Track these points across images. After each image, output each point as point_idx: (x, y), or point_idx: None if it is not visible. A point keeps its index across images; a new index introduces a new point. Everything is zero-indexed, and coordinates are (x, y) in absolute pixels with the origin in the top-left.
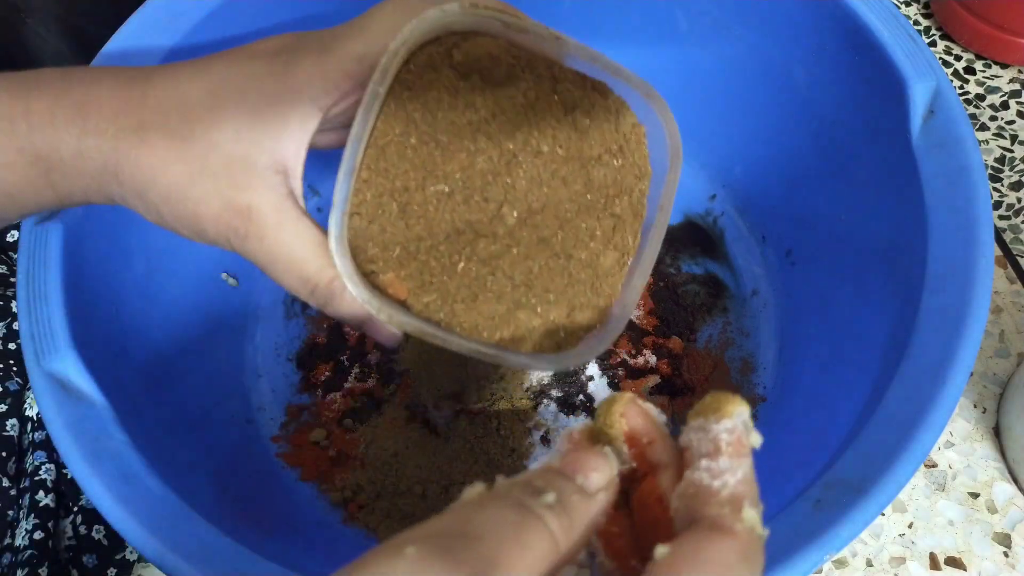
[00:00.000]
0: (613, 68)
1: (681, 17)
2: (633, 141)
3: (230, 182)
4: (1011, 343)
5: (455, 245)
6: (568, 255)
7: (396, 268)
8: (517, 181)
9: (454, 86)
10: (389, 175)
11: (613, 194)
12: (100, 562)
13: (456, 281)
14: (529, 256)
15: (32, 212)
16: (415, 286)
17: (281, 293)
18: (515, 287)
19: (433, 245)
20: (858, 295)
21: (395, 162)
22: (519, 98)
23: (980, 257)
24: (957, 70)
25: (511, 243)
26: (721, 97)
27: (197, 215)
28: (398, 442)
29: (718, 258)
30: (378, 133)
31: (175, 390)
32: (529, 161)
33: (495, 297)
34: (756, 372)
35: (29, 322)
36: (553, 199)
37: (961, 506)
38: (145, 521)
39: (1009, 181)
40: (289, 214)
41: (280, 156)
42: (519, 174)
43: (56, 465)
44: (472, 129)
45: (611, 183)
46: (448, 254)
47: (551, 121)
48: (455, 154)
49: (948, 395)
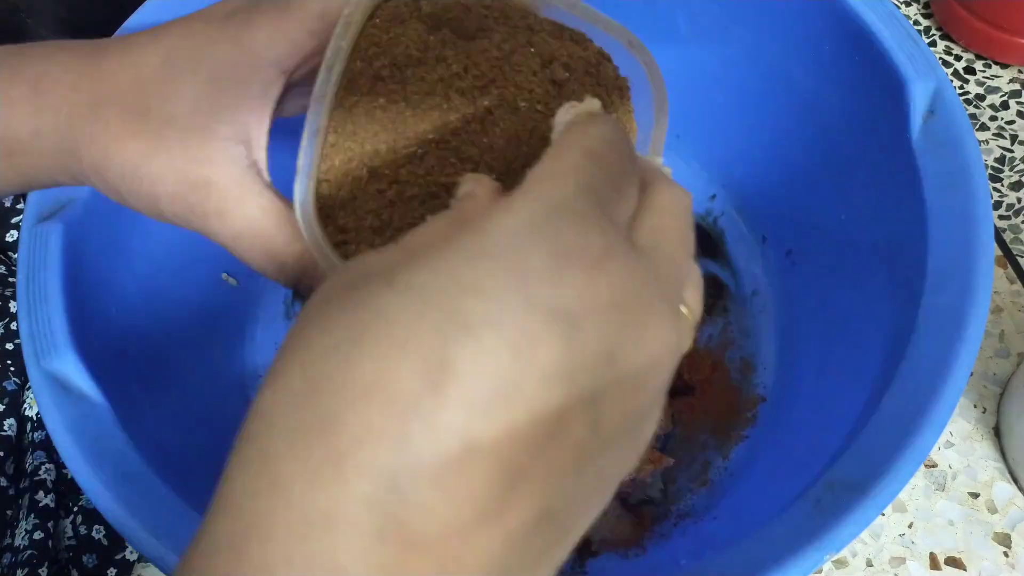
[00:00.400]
0: (592, 16)
1: (681, 17)
2: (616, 94)
3: (187, 156)
4: (1011, 343)
5: (432, 210)
6: None
7: (369, 237)
8: (494, 140)
9: (423, 40)
10: (357, 138)
11: None
12: (100, 562)
13: None
14: None
15: (2, 195)
16: None
17: (281, 293)
18: None
19: (408, 211)
20: (858, 295)
21: (363, 124)
22: (493, 51)
23: (980, 257)
24: (957, 70)
25: None
26: (721, 97)
27: (154, 194)
28: None
29: (718, 258)
30: (344, 93)
31: (175, 390)
32: (506, 118)
33: None
34: (756, 372)
35: (29, 322)
36: (534, 159)
37: (961, 506)
38: (145, 521)
39: (1009, 181)
40: (251, 188)
41: (241, 126)
42: (496, 132)
43: (56, 465)
44: (444, 86)
45: None
46: (421, 216)
47: (528, 75)
48: (427, 113)
49: (948, 395)
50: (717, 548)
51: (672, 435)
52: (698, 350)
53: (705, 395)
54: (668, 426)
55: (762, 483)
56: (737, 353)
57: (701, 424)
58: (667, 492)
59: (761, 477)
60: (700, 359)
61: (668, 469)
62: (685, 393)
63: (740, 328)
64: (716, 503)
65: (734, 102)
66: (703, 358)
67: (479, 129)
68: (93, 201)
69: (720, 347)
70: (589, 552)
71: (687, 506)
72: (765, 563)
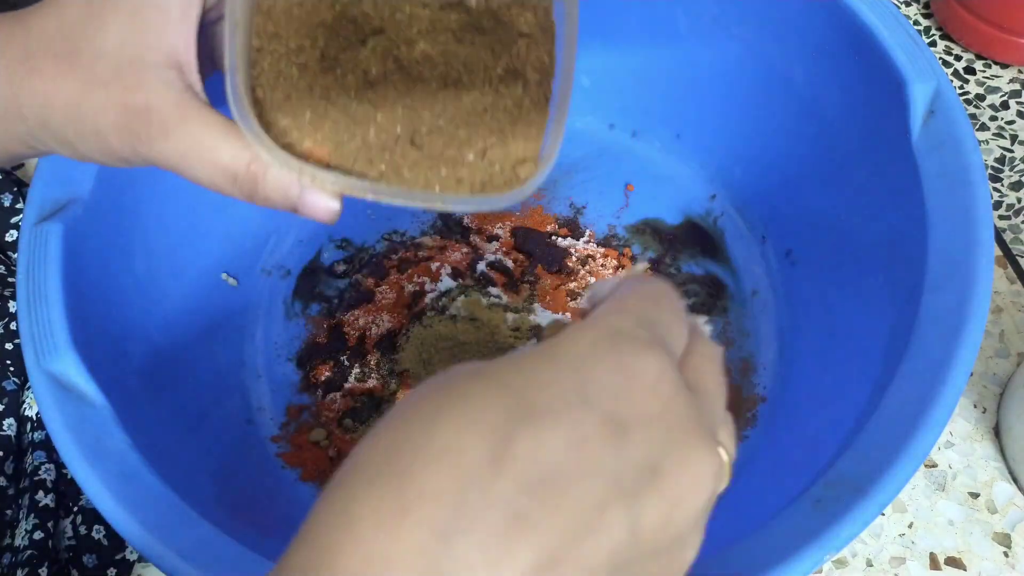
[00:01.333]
0: None
1: (681, 17)
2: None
3: (122, 86)
4: (1011, 343)
5: (364, 95)
6: (481, 101)
7: (311, 133)
8: (415, 22)
9: None
10: (281, 39)
11: (518, 51)
12: (100, 562)
13: (375, 130)
14: (444, 100)
15: None
16: (333, 147)
17: (281, 293)
18: (436, 131)
19: (343, 101)
20: (858, 295)
21: (283, 23)
22: None
23: (980, 257)
24: (957, 70)
25: (423, 87)
26: (721, 97)
27: (98, 130)
28: None
29: (718, 258)
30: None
31: (175, 390)
32: (418, 13)
33: (420, 143)
34: (756, 372)
35: (29, 322)
36: (454, 52)
37: (961, 506)
38: (145, 521)
39: (1009, 181)
40: (191, 107)
41: (169, 50)
42: (413, 30)
43: (56, 465)
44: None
45: (510, 40)
46: (359, 105)
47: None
48: (344, 4)
49: (948, 395)
50: (717, 548)
51: None
52: None
53: None
54: None
55: (762, 483)
56: (737, 353)
57: None
58: None
59: (761, 477)
60: None
61: None
62: None
63: (740, 328)
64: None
65: (734, 102)
66: None
67: (392, 27)
68: (93, 201)
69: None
70: None
71: None
72: (765, 563)
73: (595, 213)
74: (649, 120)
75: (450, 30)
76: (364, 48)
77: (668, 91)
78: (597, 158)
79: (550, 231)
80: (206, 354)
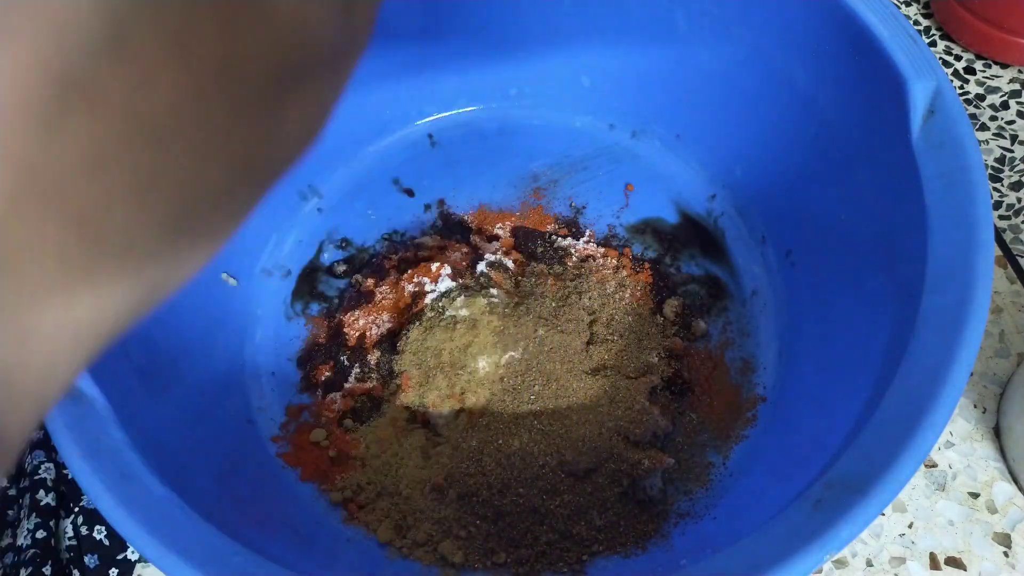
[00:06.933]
0: None
1: (681, 17)
2: None
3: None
4: (1011, 343)
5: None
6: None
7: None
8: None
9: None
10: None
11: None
12: (101, 562)
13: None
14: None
15: None
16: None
17: (281, 293)
18: None
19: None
20: (858, 295)
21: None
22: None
23: (980, 257)
24: (957, 70)
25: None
26: (721, 97)
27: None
28: (398, 442)
29: (718, 258)
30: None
31: (175, 390)
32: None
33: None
34: (756, 372)
35: None
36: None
37: (961, 506)
38: (145, 521)
39: (1009, 181)
40: None
41: None
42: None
43: (55, 464)
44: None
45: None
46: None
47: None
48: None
49: (948, 395)
50: (717, 548)
51: (672, 435)
52: (698, 350)
53: (705, 395)
54: (668, 426)
55: (762, 483)
56: (737, 353)
57: (701, 424)
58: (667, 492)
59: (761, 477)
60: (700, 359)
61: (668, 469)
62: (685, 393)
63: (740, 328)
64: (716, 503)
65: (734, 102)
66: (703, 358)
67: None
68: None
69: (720, 347)
70: (588, 552)
71: (687, 506)
72: (765, 563)
73: (595, 213)
74: (649, 120)
75: None
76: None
77: (668, 91)
78: (597, 158)
79: (550, 231)
80: (206, 354)
